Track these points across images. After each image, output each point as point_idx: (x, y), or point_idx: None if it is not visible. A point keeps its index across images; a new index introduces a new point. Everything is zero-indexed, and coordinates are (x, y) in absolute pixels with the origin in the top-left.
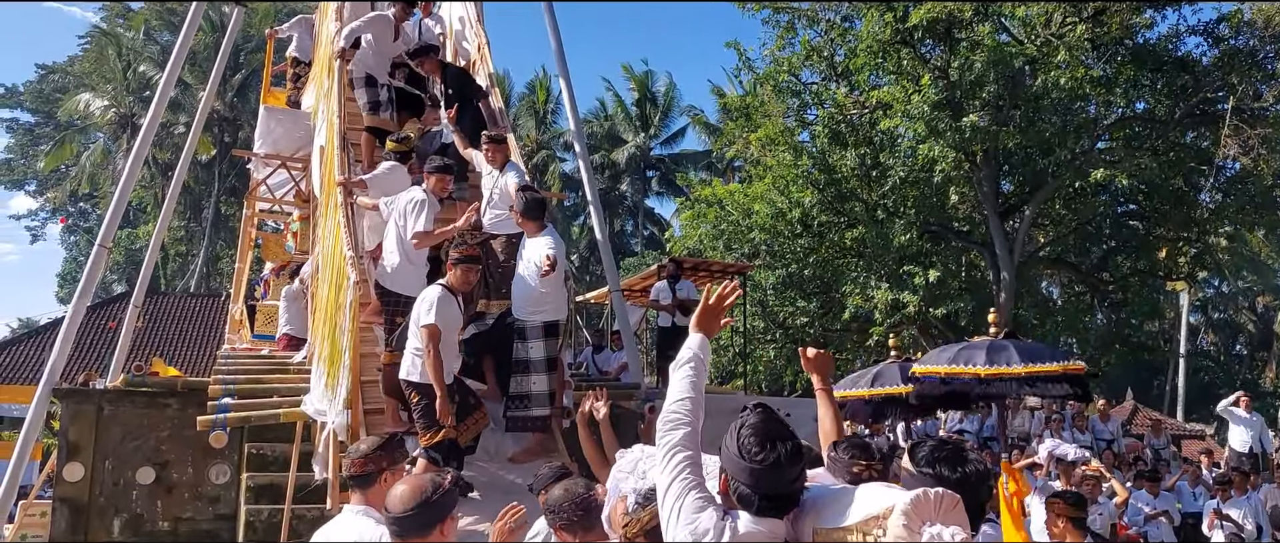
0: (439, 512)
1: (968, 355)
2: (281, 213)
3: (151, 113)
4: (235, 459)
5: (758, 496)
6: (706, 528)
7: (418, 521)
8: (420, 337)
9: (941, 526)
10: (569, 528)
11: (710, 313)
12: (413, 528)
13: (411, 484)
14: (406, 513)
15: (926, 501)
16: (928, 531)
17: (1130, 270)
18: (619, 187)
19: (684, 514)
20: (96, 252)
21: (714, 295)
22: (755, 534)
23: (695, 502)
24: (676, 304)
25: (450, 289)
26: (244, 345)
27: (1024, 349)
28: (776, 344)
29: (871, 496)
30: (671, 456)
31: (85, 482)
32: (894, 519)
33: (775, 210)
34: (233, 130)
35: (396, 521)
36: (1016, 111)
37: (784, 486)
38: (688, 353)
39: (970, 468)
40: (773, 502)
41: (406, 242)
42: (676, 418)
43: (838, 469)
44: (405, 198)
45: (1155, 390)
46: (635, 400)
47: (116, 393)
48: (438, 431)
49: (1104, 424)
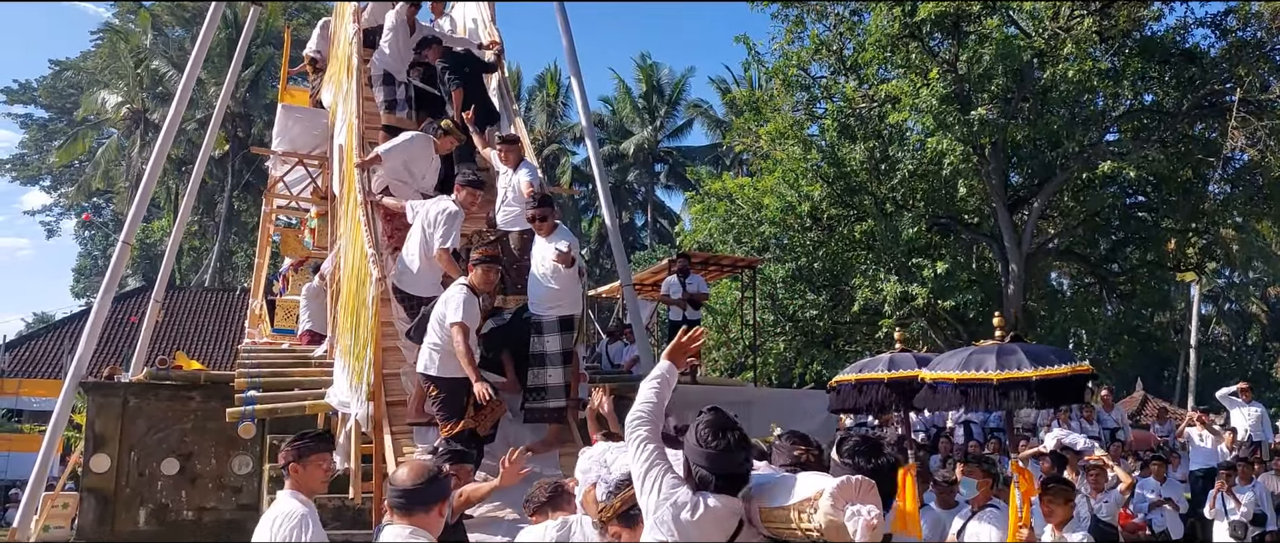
0: (439, 492)
1: (979, 360)
2: (299, 209)
3: (172, 113)
4: (257, 451)
5: (714, 475)
6: (684, 502)
7: (419, 497)
8: (451, 334)
9: (860, 505)
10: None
11: (680, 349)
12: (415, 504)
13: (415, 465)
14: (411, 488)
15: (849, 485)
16: (849, 509)
17: (1139, 262)
18: (628, 178)
19: (663, 490)
20: (120, 248)
21: (686, 338)
22: (719, 508)
23: (671, 480)
24: (686, 298)
25: (472, 289)
26: (264, 340)
27: (1032, 353)
28: (786, 337)
29: (808, 482)
30: (642, 448)
31: (112, 473)
32: (823, 501)
33: (785, 204)
34: (246, 126)
35: (401, 495)
36: (1025, 104)
37: (734, 467)
38: (657, 371)
39: (883, 460)
40: (727, 480)
41: (429, 248)
42: (642, 418)
43: (781, 454)
44: (435, 208)
45: (1166, 381)
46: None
47: (141, 386)
48: (458, 422)
49: (1109, 414)
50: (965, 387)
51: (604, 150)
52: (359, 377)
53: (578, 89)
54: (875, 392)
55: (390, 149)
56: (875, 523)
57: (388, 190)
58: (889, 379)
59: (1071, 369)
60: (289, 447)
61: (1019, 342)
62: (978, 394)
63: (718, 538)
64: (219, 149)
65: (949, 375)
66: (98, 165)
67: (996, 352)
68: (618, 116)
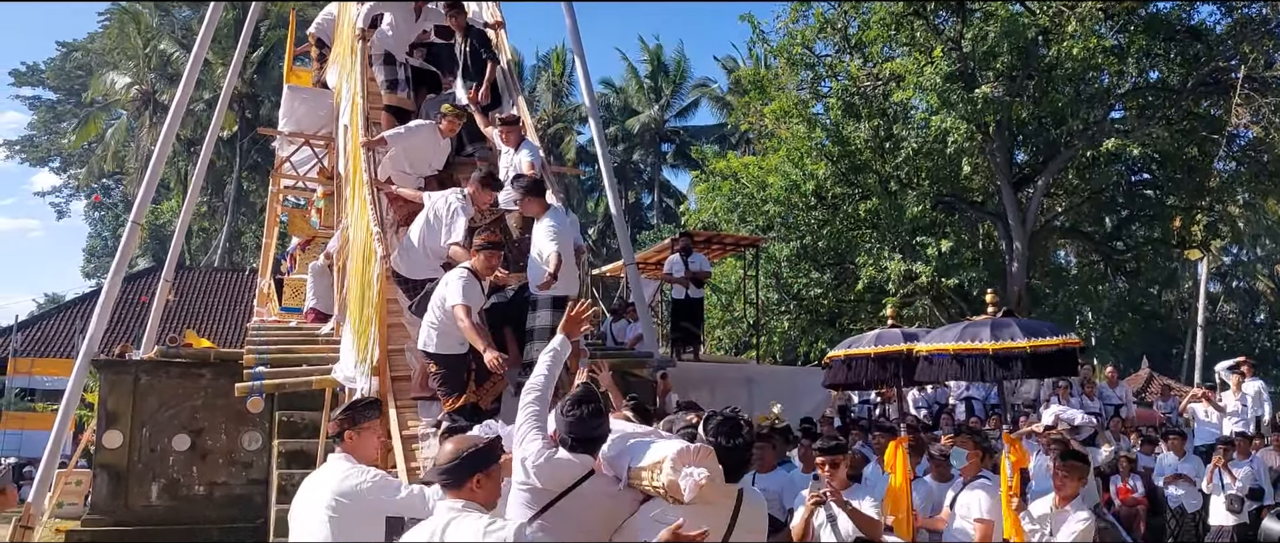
0: (473, 465)
1: (973, 333)
2: (306, 190)
3: (179, 95)
4: (267, 427)
5: (571, 438)
6: (537, 449)
7: (457, 473)
8: (454, 313)
9: (693, 468)
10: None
11: (572, 322)
12: (453, 479)
13: (456, 442)
14: (448, 466)
15: (687, 452)
16: (684, 471)
17: (1144, 239)
18: (633, 158)
19: (525, 443)
20: (130, 228)
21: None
22: (565, 462)
23: (533, 435)
24: (689, 277)
25: (474, 273)
26: (272, 318)
27: (1026, 326)
28: (790, 316)
29: (661, 447)
30: (525, 411)
31: (124, 448)
32: (666, 464)
33: (789, 183)
34: (253, 106)
35: (442, 473)
36: (1029, 82)
37: (588, 432)
38: (552, 344)
39: (741, 439)
40: (581, 443)
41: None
42: (533, 388)
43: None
44: (442, 202)
45: (1173, 359)
46: (649, 369)
47: (152, 364)
48: (459, 396)
49: (1113, 390)
50: (961, 357)
51: (609, 130)
52: (364, 352)
53: (582, 70)
54: (863, 367)
55: (396, 135)
56: (702, 484)
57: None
58: (875, 354)
59: (1062, 341)
60: (341, 414)
61: (1011, 316)
62: (974, 364)
63: (562, 483)
64: (228, 130)
65: (945, 346)
66: (107, 147)
67: (991, 325)
68: (623, 96)
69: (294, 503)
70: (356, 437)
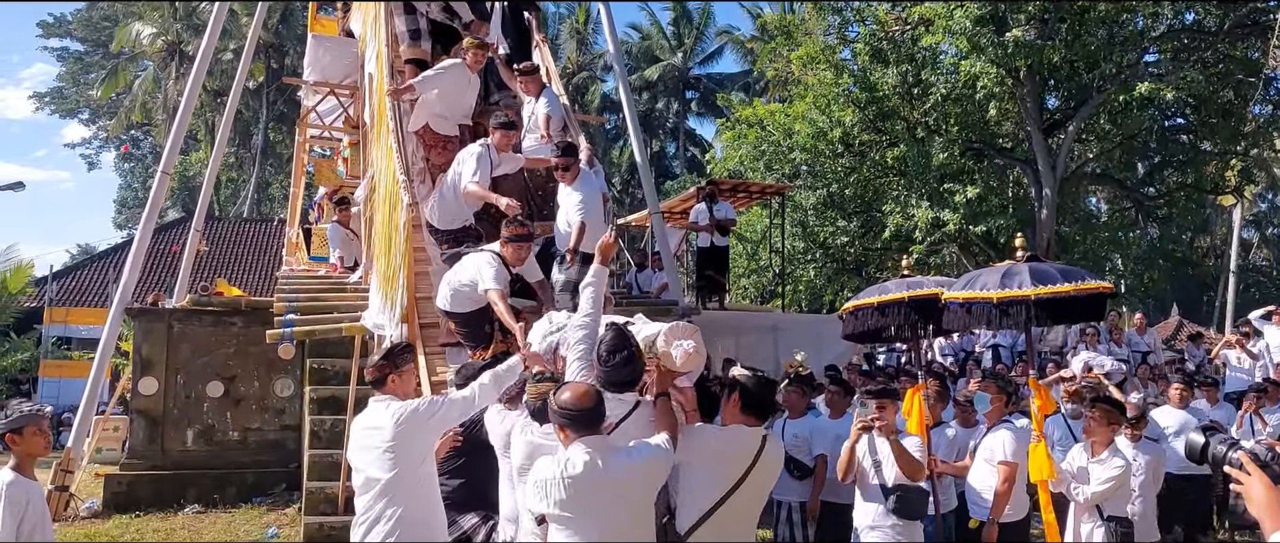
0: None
1: (982, 281)
2: (332, 139)
3: (204, 46)
4: (298, 374)
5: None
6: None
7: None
8: (489, 298)
9: (682, 340)
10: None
11: (606, 248)
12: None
13: (578, 388)
14: (576, 410)
15: (677, 327)
16: (675, 342)
17: (1177, 185)
18: (657, 106)
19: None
20: (159, 178)
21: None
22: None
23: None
24: (714, 225)
25: (503, 261)
26: (301, 267)
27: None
28: (816, 265)
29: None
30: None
31: (159, 395)
32: (660, 338)
33: (816, 130)
34: (279, 57)
35: (566, 415)
36: (1061, 25)
37: (624, 377)
38: (588, 278)
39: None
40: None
41: (458, 187)
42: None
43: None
44: (467, 151)
45: (1206, 306)
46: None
47: (185, 312)
48: (486, 346)
49: (1141, 337)
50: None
51: (633, 78)
52: (392, 300)
53: (606, 19)
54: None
55: (423, 80)
56: (691, 353)
57: (428, 126)
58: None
59: (1097, 286)
60: (381, 360)
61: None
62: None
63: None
64: (254, 80)
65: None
66: (134, 98)
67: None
68: (647, 42)
69: (351, 446)
70: (398, 379)
